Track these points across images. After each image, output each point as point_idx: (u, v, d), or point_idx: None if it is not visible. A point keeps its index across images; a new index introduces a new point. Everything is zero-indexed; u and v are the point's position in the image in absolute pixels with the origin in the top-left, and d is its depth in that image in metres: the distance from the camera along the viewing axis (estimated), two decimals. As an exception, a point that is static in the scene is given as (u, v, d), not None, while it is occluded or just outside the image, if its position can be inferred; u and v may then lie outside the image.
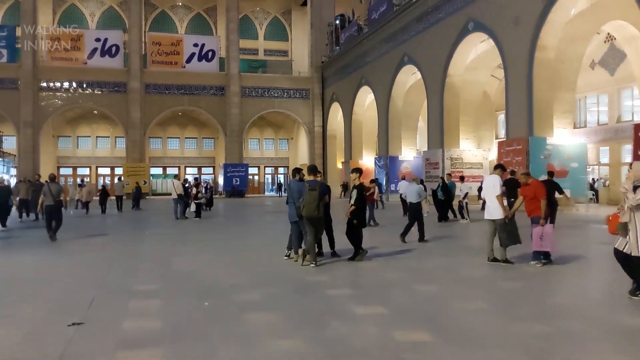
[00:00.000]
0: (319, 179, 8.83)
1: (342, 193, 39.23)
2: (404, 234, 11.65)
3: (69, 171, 47.81)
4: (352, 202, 9.13)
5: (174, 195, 19.84)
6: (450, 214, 18.94)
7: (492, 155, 31.11)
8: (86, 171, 48.80)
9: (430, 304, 6.03)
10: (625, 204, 5.94)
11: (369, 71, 37.65)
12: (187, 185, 21.93)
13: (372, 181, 17.94)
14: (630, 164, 6.13)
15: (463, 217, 18.15)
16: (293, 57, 52.73)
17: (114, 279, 7.85)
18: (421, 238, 11.81)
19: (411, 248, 10.79)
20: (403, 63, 32.70)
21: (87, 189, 24.88)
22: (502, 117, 34.43)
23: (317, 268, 8.39)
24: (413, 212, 12.03)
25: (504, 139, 25.64)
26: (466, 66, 28.12)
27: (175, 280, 7.64)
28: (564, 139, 22.30)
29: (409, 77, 33.76)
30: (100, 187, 27.14)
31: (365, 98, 39.92)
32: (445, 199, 18.45)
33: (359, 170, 9.50)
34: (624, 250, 5.95)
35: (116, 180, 31.83)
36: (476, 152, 29.07)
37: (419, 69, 31.14)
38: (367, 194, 16.14)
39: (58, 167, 47.28)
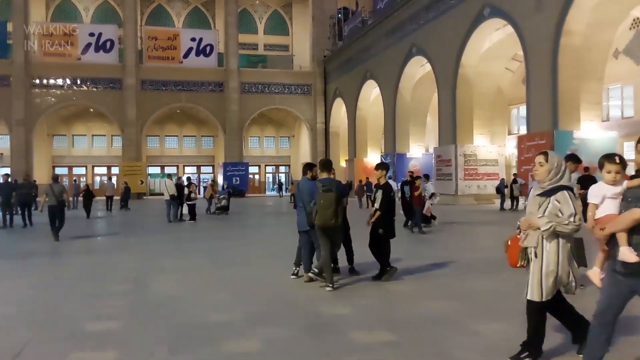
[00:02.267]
0: (332, 176, 7.02)
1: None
2: None
3: (65, 171, 45.96)
4: (377, 205, 7.23)
5: (166, 196, 18.07)
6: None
7: (507, 151, 29.31)
8: (82, 170, 47.11)
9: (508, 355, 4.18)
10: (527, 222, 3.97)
11: (375, 64, 35.83)
12: (181, 183, 19.65)
13: (415, 178, 14.45)
14: (545, 153, 3.97)
15: (433, 218, 15.41)
16: (294, 51, 50.82)
17: (67, 310, 5.94)
18: None
19: (445, 261, 8.86)
20: (411, 54, 30.88)
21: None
22: (515, 111, 32.68)
23: (334, 292, 6.52)
24: None
25: (524, 134, 23.82)
26: (480, 56, 26.30)
27: (146, 313, 5.76)
28: (591, 133, 20.47)
29: (418, 70, 31.94)
30: (83, 187, 24.01)
31: (370, 93, 38.13)
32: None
33: (385, 166, 7.53)
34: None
35: (105, 180, 30.02)
36: (491, 147, 27.26)
37: (429, 60, 29.31)
38: (416, 194, 13.71)
39: (53, 167, 45.51)
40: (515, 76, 30.25)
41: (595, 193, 3.71)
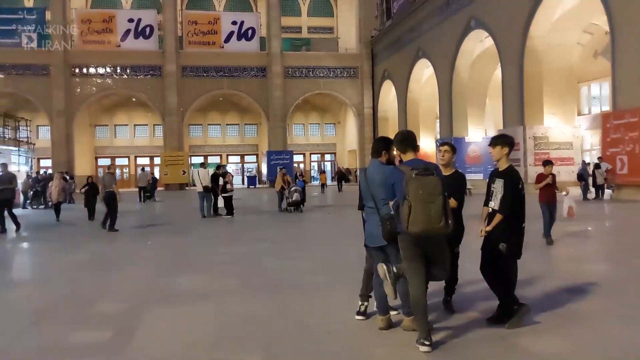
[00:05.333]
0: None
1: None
2: None
3: (107, 162, 45.11)
4: (495, 205, 4.58)
5: (199, 188, 16.06)
6: None
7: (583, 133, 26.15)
8: (125, 161, 46.28)
9: None
10: None
11: (427, 42, 33.02)
12: (217, 173, 16.95)
13: (546, 163, 9.73)
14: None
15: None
16: (339, 33, 48.28)
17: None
18: None
19: (572, 282, 6.18)
20: (469, 28, 27.98)
21: (56, 184, 17.00)
22: (585, 89, 29.36)
23: (433, 354, 3.92)
24: None
25: (609, 111, 20.79)
26: (551, 26, 23.28)
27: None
28: (695, 108, 17.39)
29: (476, 45, 29.00)
30: (86, 181, 17.07)
31: (423, 73, 35.33)
32: None
33: (507, 141, 4.69)
34: None
35: (139, 171, 28.21)
36: (565, 129, 24.24)
37: (491, 34, 26.38)
38: (538, 186, 9.59)
39: (96, 158, 45.01)
40: (585, 50, 26.95)
41: None
